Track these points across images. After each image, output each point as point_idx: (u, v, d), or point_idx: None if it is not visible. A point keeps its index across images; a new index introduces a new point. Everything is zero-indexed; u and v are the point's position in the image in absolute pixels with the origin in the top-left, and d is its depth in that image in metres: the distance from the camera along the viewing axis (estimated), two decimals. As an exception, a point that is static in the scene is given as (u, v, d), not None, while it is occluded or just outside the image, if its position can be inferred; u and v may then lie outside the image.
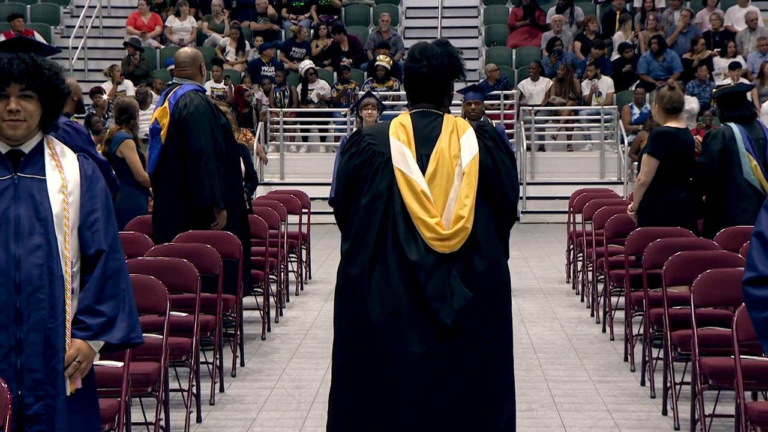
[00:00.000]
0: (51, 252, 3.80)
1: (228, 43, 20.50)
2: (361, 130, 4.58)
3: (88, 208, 3.88)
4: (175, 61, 8.22)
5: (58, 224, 3.81)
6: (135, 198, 9.38)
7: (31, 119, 3.83)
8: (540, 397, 7.01)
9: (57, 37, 21.44)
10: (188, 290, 6.46)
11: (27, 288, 3.77)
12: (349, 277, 4.39)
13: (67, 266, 3.81)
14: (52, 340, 3.80)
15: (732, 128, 8.43)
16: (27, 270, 3.77)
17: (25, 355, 3.78)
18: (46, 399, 3.80)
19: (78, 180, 3.89)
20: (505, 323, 4.46)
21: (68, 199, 3.83)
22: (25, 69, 3.79)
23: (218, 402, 6.94)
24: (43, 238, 3.79)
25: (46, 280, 3.78)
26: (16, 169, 3.84)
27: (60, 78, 3.89)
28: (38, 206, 3.81)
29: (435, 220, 4.32)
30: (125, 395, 5.12)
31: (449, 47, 4.55)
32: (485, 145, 4.45)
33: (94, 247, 3.86)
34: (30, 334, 3.78)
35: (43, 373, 3.79)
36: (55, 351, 3.80)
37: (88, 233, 3.87)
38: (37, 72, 3.82)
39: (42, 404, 3.79)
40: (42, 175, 3.85)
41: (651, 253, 7.07)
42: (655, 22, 20.04)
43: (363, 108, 9.80)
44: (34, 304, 3.77)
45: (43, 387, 3.79)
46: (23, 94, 3.80)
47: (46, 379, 3.79)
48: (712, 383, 5.76)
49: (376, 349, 4.32)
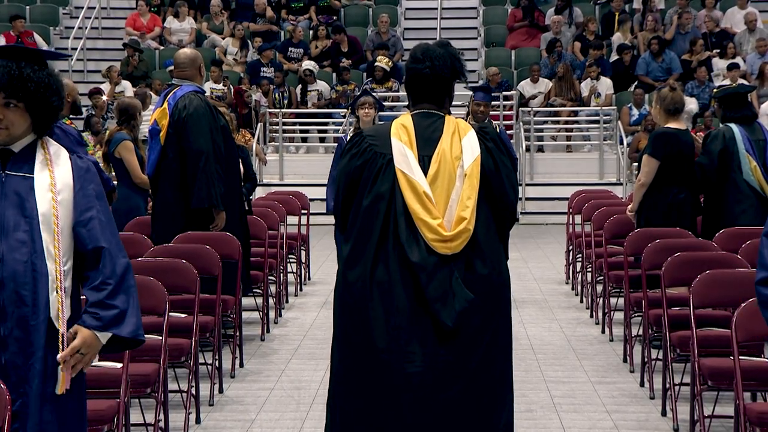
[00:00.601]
0: (35, 249, 3.79)
1: (231, 43, 20.51)
2: (362, 131, 4.58)
3: (83, 207, 3.88)
4: (175, 62, 8.23)
5: (45, 222, 3.81)
6: (133, 199, 9.37)
7: (13, 127, 3.85)
8: (539, 398, 7.02)
9: (56, 38, 21.46)
10: (187, 291, 6.46)
11: (10, 284, 3.77)
12: (349, 281, 4.39)
13: (56, 264, 3.80)
14: (32, 338, 3.78)
15: (732, 129, 8.43)
16: (11, 266, 3.77)
17: (10, 351, 3.78)
18: (23, 397, 3.78)
19: (70, 180, 3.88)
20: (505, 324, 4.47)
21: (57, 198, 3.84)
22: (8, 80, 3.80)
23: (217, 403, 6.94)
24: (27, 235, 3.79)
25: (29, 277, 3.78)
26: (4, 167, 3.85)
27: (51, 89, 3.88)
28: (24, 204, 3.82)
29: (437, 222, 4.32)
30: (124, 396, 5.12)
31: (451, 48, 4.55)
32: (486, 147, 4.46)
33: (91, 244, 3.86)
34: (14, 330, 3.77)
35: (24, 370, 3.78)
36: (34, 349, 3.79)
37: (84, 231, 3.87)
38: (21, 83, 3.82)
39: (20, 402, 3.77)
40: (30, 174, 3.85)
41: (650, 254, 7.08)
42: (654, 23, 20.05)
43: (360, 107, 9.46)
44: (19, 300, 3.77)
45: (23, 384, 3.78)
46: (7, 102, 3.82)
47: (25, 377, 3.78)
48: (711, 384, 5.76)
49: (377, 352, 4.31)
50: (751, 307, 5.21)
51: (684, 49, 19.61)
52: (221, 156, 7.90)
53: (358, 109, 9.43)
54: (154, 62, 20.48)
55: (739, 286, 5.88)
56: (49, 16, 22.04)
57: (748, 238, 7.26)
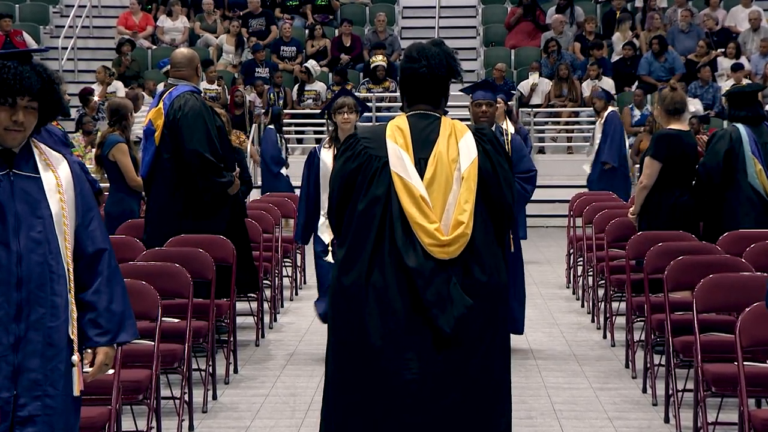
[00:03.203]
0: (50, 250, 3.84)
1: (225, 41, 20.48)
2: (356, 133, 4.55)
3: (85, 207, 3.96)
4: (171, 61, 8.22)
5: (57, 223, 3.87)
6: (126, 202, 9.37)
7: (27, 130, 3.91)
8: (539, 404, 7.02)
9: (46, 37, 21.44)
10: (180, 295, 6.46)
11: (28, 285, 3.81)
12: (344, 285, 4.38)
13: (68, 266, 3.86)
14: (54, 339, 3.83)
15: (739, 129, 8.41)
16: (28, 267, 3.81)
17: (23, 353, 3.79)
18: (44, 399, 3.81)
19: (70, 179, 3.96)
20: (503, 330, 4.47)
21: (64, 198, 3.89)
22: (41, 85, 3.87)
23: (211, 410, 6.94)
24: (42, 235, 3.84)
25: (47, 278, 3.82)
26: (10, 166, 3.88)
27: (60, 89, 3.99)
28: (35, 204, 3.86)
29: (434, 226, 4.31)
30: (116, 403, 5.12)
31: (445, 47, 4.55)
32: (484, 149, 4.45)
33: (93, 246, 3.93)
34: (29, 332, 3.81)
35: (42, 372, 3.81)
36: (58, 350, 3.83)
37: (86, 232, 3.94)
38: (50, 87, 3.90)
39: (39, 405, 3.79)
40: (36, 173, 3.90)
41: (652, 258, 7.08)
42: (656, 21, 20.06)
43: (337, 111, 8.05)
44: (35, 301, 3.81)
45: (41, 387, 3.80)
46: (28, 106, 3.87)
47: (45, 379, 3.81)
48: (715, 390, 5.76)
49: (373, 360, 4.30)
50: (756, 312, 5.22)
51: (687, 49, 19.61)
52: (219, 157, 7.90)
53: (335, 114, 8.07)
54: (146, 62, 20.47)
55: (743, 290, 5.89)
56: (38, 14, 22.03)
57: (753, 242, 7.26)
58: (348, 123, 7.97)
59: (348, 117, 7.99)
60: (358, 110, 8.08)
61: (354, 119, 8.02)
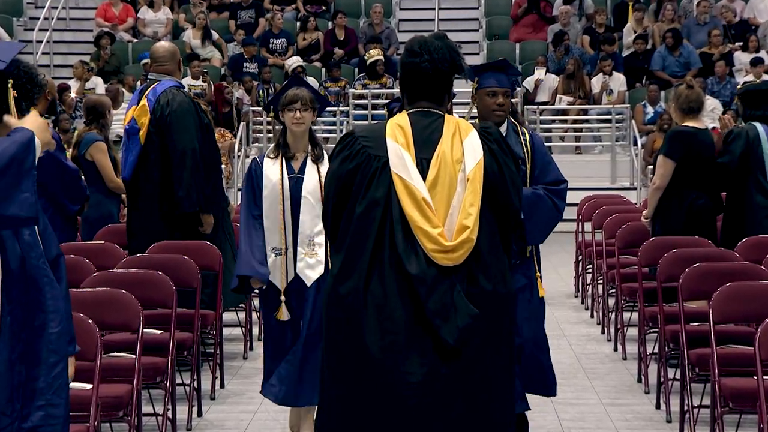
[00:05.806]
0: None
1: (191, 36, 20.29)
2: (353, 131, 4.54)
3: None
4: (153, 55, 8.22)
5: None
6: (105, 205, 9.35)
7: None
8: (546, 421, 7.03)
9: (20, 29, 21.45)
10: (163, 305, 6.46)
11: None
12: (340, 294, 4.36)
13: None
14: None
15: (756, 128, 8.42)
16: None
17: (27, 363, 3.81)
18: (48, 408, 3.83)
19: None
20: (509, 340, 4.46)
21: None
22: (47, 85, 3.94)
23: (196, 427, 6.94)
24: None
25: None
26: None
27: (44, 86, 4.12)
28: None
29: (437, 231, 4.29)
30: (94, 420, 5.12)
31: (448, 40, 4.54)
32: (489, 149, 4.43)
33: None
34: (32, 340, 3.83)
35: (45, 381, 3.84)
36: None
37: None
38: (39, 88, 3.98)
39: (42, 415, 3.82)
40: None
41: (666, 265, 7.09)
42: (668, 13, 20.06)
43: (286, 108, 6.42)
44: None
45: (44, 396, 3.83)
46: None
47: (49, 388, 3.85)
48: (733, 406, 5.77)
49: (372, 374, 4.29)
50: (777, 323, 5.23)
51: (703, 42, 19.62)
52: (206, 156, 7.91)
53: (283, 111, 6.43)
54: (126, 56, 20.46)
55: (762, 300, 5.90)
56: (11, 6, 22.02)
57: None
58: (300, 125, 6.38)
59: (301, 116, 6.37)
60: (315, 107, 6.47)
61: (309, 119, 6.42)
